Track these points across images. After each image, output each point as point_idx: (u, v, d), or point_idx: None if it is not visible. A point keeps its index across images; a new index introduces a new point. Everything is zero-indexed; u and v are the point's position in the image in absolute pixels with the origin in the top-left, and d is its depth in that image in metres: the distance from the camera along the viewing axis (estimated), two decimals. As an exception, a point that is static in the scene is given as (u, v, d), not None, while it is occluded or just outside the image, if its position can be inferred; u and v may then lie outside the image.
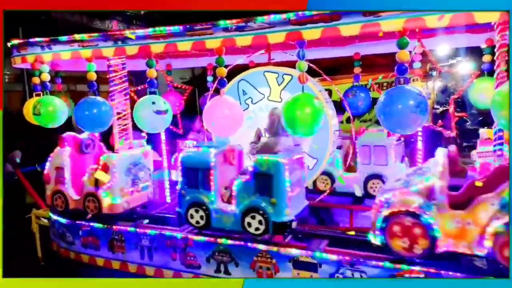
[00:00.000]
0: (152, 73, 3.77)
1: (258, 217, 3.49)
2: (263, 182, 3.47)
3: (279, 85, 4.35)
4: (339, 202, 4.86)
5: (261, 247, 3.57)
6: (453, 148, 3.57)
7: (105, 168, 4.35)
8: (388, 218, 3.07)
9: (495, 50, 3.47)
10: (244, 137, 4.57)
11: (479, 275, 2.92)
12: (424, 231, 2.96)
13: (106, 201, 4.34)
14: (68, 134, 4.74)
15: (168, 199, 4.94)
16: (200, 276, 3.83)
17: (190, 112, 6.54)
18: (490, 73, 3.84)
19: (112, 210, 4.36)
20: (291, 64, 3.87)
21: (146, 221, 4.44)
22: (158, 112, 3.74)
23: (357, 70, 5.03)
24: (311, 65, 4.39)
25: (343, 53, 5.11)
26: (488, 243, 2.78)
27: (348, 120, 6.91)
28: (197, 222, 3.79)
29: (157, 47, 3.58)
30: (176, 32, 3.46)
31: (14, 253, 3.93)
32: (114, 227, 4.25)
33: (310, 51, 5.05)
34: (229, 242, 3.68)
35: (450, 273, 2.96)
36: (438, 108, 7.12)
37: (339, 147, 5.13)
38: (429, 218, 2.94)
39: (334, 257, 3.31)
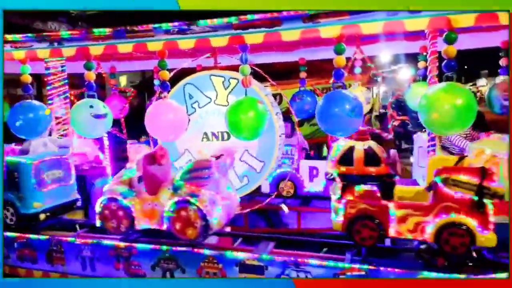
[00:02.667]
0: (90, 76, 3.62)
1: (11, 210, 4.05)
2: (12, 179, 4.00)
3: (225, 89, 4.34)
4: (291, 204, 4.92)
5: (208, 252, 3.54)
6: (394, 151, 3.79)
7: None
8: (102, 204, 3.74)
9: (428, 56, 3.70)
10: (192, 141, 4.53)
11: (414, 269, 3.06)
12: (125, 213, 3.66)
13: None
14: None
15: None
16: (144, 285, 3.71)
17: (139, 117, 6.37)
18: (425, 78, 4.08)
19: None
20: (238, 68, 3.89)
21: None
22: (97, 116, 3.59)
23: (302, 74, 5.15)
24: (256, 69, 4.47)
25: (290, 58, 5.23)
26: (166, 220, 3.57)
27: (298, 124, 7.08)
28: None
29: (96, 49, 3.45)
30: (116, 34, 3.35)
31: None
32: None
33: (258, 56, 5.15)
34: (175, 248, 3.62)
35: (389, 269, 3.09)
36: (380, 112, 7.44)
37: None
38: (128, 203, 3.65)
39: (279, 258, 3.35)
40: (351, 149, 3.15)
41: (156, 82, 5.37)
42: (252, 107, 3.16)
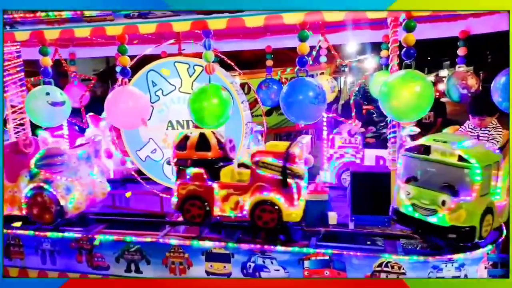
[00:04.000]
0: (46, 61, 3.46)
1: None
2: None
3: (190, 76, 4.26)
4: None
5: (173, 242, 3.50)
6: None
7: None
8: None
9: (389, 45, 3.77)
10: (156, 130, 4.44)
11: (373, 253, 3.14)
12: None
13: None
14: None
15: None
16: (109, 277, 3.64)
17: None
18: (388, 67, 4.15)
19: None
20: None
21: None
22: (55, 104, 3.45)
23: (269, 63, 5.14)
24: (222, 57, 4.41)
25: (256, 46, 5.20)
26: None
27: (267, 113, 7.07)
28: None
29: (51, 33, 3.28)
30: (72, 17, 3.20)
31: None
32: (9, 231, 3.86)
33: (225, 43, 5.09)
34: (139, 239, 3.55)
35: (351, 253, 3.17)
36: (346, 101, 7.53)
37: None
38: None
39: (246, 246, 3.36)
40: (187, 137, 3.47)
41: (118, 68, 5.18)
42: (215, 94, 3.11)
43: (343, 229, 3.59)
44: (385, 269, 3.09)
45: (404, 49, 2.93)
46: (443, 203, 2.83)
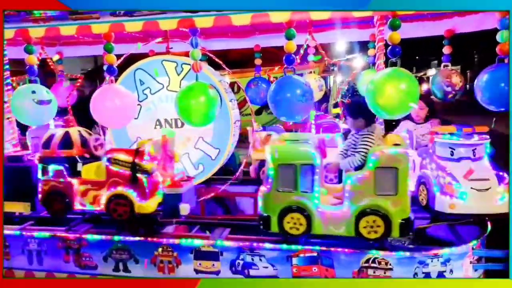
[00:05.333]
0: (31, 59, 3.43)
1: None
2: None
3: (178, 74, 4.25)
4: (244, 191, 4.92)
5: (162, 240, 3.49)
6: None
7: None
8: None
9: (376, 44, 3.81)
10: (143, 129, 4.42)
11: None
12: None
13: None
14: None
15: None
16: (97, 277, 3.62)
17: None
18: (374, 65, 4.19)
19: None
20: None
21: None
22: (41, 102, 3.42)
23: (258, 61, 5.15)
24: (210, 55, 4.41)
25: (245, 45, 5.21)
26: None
27: (257, 112, 7.08)
28: None
29: (36, 31, 3.26)
30: (57, 15, 3.19)
31: None
32: (-5, 232, 3.81)
33: (213, 42, 5.09)
34: (127, 238, 3.54)
35: (339, 249, 3.19)
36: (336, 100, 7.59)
37: None
38: None
39: (234, 244, 3.37)
40: (51, 135, 3.69)
41: (106, 67, 5.14)
42: (202, 93, 3.11)
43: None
44: (373, 265, 3.12)
45: (390, 47, 2.95)
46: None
